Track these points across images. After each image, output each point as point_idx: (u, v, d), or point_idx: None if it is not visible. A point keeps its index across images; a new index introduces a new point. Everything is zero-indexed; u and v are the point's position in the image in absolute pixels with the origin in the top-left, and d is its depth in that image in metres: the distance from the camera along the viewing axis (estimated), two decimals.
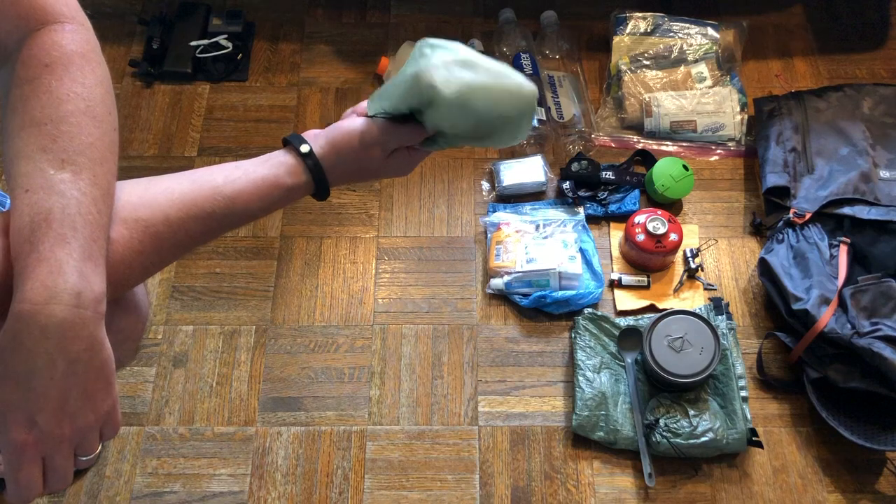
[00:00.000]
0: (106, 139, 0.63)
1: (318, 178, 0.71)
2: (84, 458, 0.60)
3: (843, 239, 1.24)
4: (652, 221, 1.26)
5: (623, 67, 1.47)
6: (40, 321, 0.54)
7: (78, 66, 0.64)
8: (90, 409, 0.58)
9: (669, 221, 1.27)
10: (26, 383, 0.55)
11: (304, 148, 0.71)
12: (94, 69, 0.65)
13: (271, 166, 0.70)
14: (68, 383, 0.56)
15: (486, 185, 1.41)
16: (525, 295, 1.27)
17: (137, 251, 0.63)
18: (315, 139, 0.73)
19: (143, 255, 0.63)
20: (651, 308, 1.28)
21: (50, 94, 0.61)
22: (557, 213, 1.36)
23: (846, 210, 1.26)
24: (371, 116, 0.74)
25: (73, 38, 0.65)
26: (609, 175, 1.37)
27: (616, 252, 1.34)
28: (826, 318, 1.14)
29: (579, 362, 1.20)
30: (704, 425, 1.12)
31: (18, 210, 0.57)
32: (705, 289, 1.30)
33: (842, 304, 1.16)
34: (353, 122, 0.74)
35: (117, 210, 0.62)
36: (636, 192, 1.38)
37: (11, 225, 0.57)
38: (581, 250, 1.30)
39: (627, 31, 1.52)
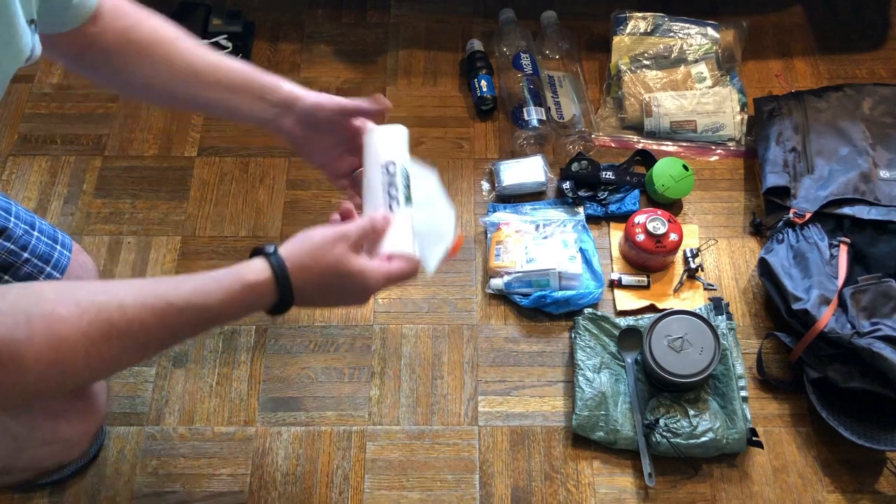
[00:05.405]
0: None
1: (281, 269, 0.73)
2: None
3: (843, 239, 1.23)
4: (652, 221, 1.26)
5: (623, 67, 1.47)
6: None
7: None
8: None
9: (669, 221, 1.27)
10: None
11: (269, 248, 0.75)
12: None
13: (234, 267, 0.73)
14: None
15: (486, 185, 1.40)
16: (525, 295, 1.27)
17: (83, 332, 0.61)
18: (282, 245, 0.76)
19: (89, 338, 0.62)
20: (651, 308, 1.28)
21: None
22: (557, 213, 1.36)
23: (846, 210, 1.26)
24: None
25: None
26: (609, 175, 1.37)
27: (616, 252, 1.34)
28: (826, 318, 1.14)
29: (579, 362, 1.20)
30: (704, 425, 1.12)
31: None
32: (705, 289, 1.30)
33: (842, 304, 1.16)
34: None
35: (74, 292, 0.63)
36: (636, 192, 1.38)
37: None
38: (581, 250, 1.30)
39: (627, 31, 1.52)
